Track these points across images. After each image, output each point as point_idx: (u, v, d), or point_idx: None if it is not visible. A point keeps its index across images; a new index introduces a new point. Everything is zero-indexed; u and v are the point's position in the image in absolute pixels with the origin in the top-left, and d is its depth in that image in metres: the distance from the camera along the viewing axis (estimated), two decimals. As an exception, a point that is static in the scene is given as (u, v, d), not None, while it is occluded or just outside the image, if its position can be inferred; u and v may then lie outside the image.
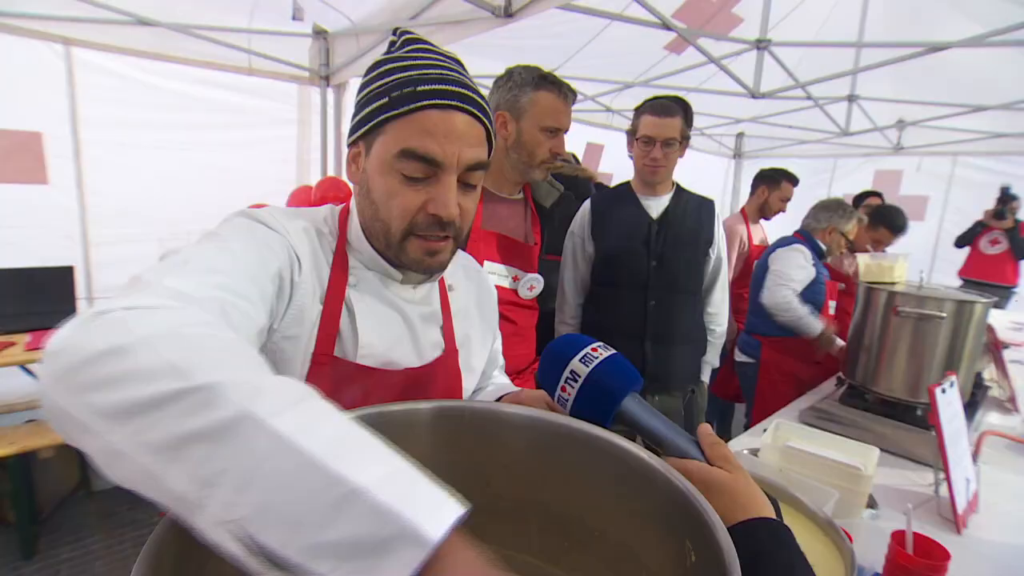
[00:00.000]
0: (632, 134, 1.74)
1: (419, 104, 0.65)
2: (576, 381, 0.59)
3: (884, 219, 2.91)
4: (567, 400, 0.61)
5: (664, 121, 1.67)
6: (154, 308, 0.43)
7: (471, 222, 0.75)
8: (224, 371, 0.37)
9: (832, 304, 2.53)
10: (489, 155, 0.73)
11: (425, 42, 0.73)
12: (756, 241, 3.30)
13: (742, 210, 3.43)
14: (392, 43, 0.74)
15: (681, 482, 0.46)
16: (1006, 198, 4.50)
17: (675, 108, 1.69)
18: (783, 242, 2.52)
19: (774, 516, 0.50)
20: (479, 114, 0.69)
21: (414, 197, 0.68)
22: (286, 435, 0.34)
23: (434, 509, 0.33)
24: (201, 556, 0.41)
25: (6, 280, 2.53)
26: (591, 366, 0.59)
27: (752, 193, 3.40)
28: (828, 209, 2.54)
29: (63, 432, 0.38)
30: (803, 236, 2.54)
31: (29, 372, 2.47)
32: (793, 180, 3.28)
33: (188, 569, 0.41)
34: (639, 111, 1.74)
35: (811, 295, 2.40)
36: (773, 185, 3.25)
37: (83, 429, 0.37)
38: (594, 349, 0.60)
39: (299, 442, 0.33)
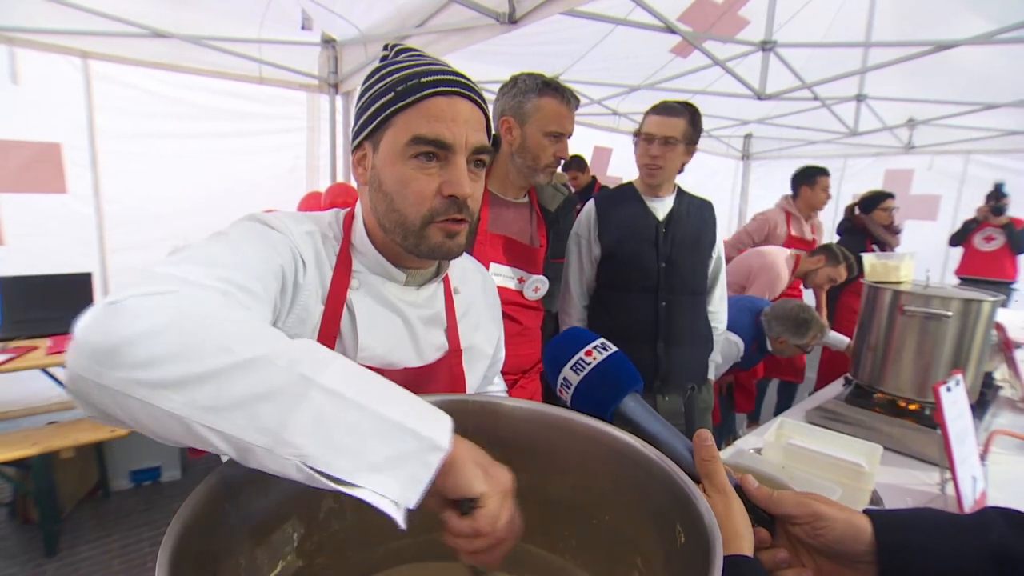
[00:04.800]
0: (637, 135, 1.77)
1: (425, 93, 0.68)
2: (569, 386, 0.61)
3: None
4: (565, 401, 0.63)
5: (666, 120, 1.69)
6: (166, 293, 0.47)
7: (480, 207, 0.77)
8: (266, 343, 0.45)
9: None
10: (489, 142, 0.76)
11: (417, 50, 0.77)
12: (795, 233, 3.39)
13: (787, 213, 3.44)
14: (384, 57, 0.78)
15: (671, 468, 0.48)
16: (1000, 195, 4.55)
17: (680, 110, 1.71)
18: (736, 318, 2.31)
19: (749, 552, 0.47)
20: (480, 101, 0.73)
21: (428, 182, 0.70)
22: (331, 388, 0.43)
23: (438, 424, 0.46)
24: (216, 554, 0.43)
25: (27, 287, 2.61)
26: (583, 373, 0.59)
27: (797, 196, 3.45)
28: (784, 322, 2.39)
29: (98, 407, 0.43)
30: (759, 325, 2.46)
31: (51, 376, 2.54)
32: (824, 172, 3.34)
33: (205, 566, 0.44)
34: (646, 113, 1.76)
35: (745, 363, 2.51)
36: (810, 182, 3.33)
37: (125, 400, 0.42)
38: (588, 353, 0.60)
39: (342, 392, 0.43)
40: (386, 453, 0.42)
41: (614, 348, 0.63)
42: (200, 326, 0.44)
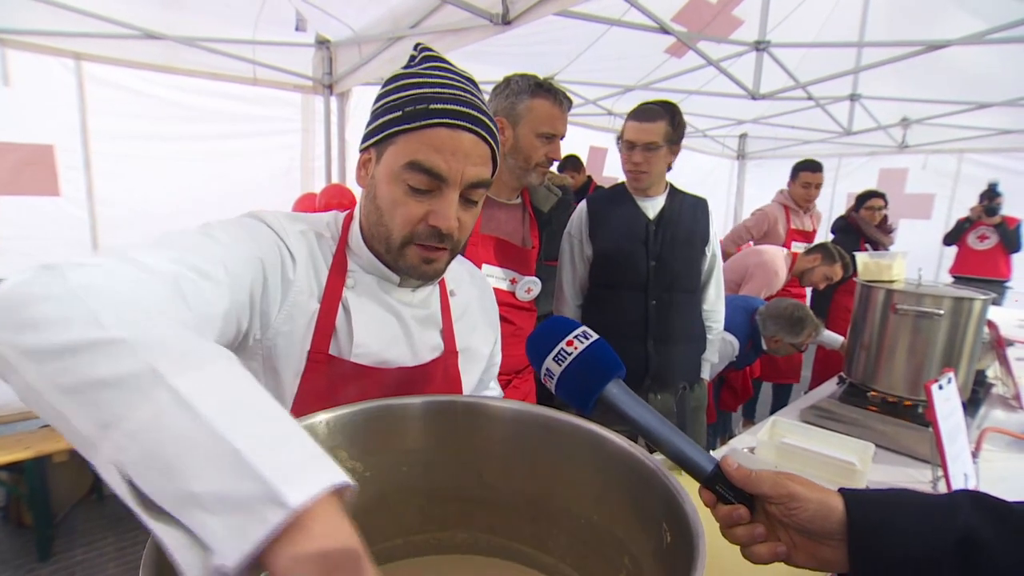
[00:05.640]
0: (620, 139, 1.78)
1: (430, 121, 0.69)
2: (552, 376, 0.61)
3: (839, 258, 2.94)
4: (550, 389, 0.62)
5: (645, 126, 1.69)
6: (97, 266, 0.45)
7: (468, 235, 0.78)
8: (140, 327, 0.40)
9: None
10: (493, 174, 0.76)
11: (443, 60, 0.76)
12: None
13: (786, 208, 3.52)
14: (412, 57, 0.78)
15: (656, 466, 0.48)
16: (994, 194, 4.62)
17: (659, 112, 1.70)
18: (731, 317, 2.29)
19: None
20: (486, 135, 0.73)
21: (417, 208, 0.71)
22: (183, 392, 0.36)
23: (306, 476, 0.35)
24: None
25: (20, 289, 2.59)
26: (564, 363, 0.58)
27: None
28: (779, 321, 2.39)
29: None
30: (754, 324, 2.47)
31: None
32: (807, 167, 3.37)
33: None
34: (627, 117, 1.77)
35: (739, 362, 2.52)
36: (793, 177, 3.43)
37: (8, 366, 0.39)
38: (569, 343, 0.59)
39: (192, 400, 0.36)
40: (216, 487, 0.33)
41: (595, 336, 0.62)
42: (94, 298, 0.41)
